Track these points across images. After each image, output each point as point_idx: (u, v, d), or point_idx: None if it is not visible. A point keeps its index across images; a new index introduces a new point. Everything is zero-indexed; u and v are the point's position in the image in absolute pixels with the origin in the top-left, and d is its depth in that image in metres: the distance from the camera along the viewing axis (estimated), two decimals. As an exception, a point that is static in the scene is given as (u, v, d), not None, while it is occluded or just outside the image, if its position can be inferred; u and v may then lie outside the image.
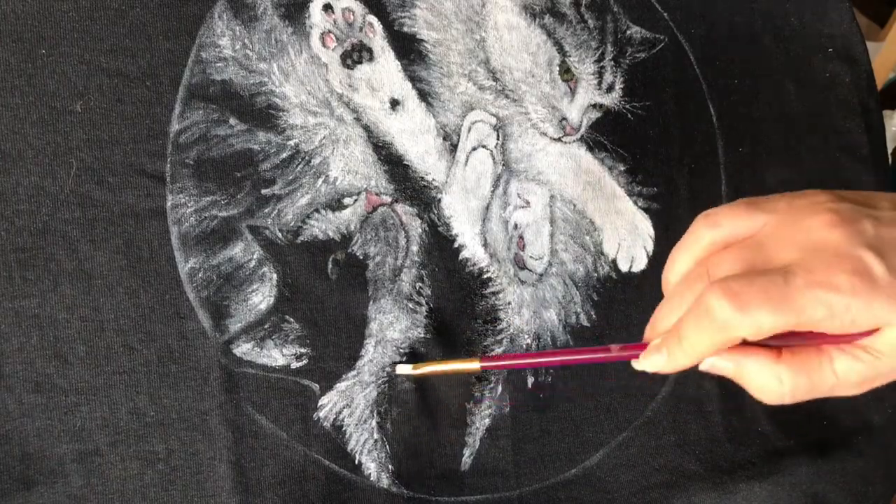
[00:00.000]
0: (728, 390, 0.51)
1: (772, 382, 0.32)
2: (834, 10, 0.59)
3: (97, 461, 0.43)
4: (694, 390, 0.51)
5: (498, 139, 0.51)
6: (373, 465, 0.46)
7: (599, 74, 0.53)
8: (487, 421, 0.48)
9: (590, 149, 0.53)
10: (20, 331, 0.43)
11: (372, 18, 0.50)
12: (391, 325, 0.47)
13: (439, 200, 0.49)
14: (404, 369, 0.45)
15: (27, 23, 0.45)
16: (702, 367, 0.34)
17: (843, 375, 0.32)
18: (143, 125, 0.46)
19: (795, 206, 0.33)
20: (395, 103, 0.50)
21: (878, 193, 0.34)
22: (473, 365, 0.39)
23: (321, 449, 0.45)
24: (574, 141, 0.52)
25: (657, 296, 0.52)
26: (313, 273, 0.47)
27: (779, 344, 0.33)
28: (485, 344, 0.49)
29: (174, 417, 0.44)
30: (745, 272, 0.32)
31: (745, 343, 0.32)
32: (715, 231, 0.34)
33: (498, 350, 0.49)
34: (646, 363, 0.35)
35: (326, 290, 0.47)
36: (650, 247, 0.53)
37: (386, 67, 0.50)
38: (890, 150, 0.65)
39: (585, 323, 0.51)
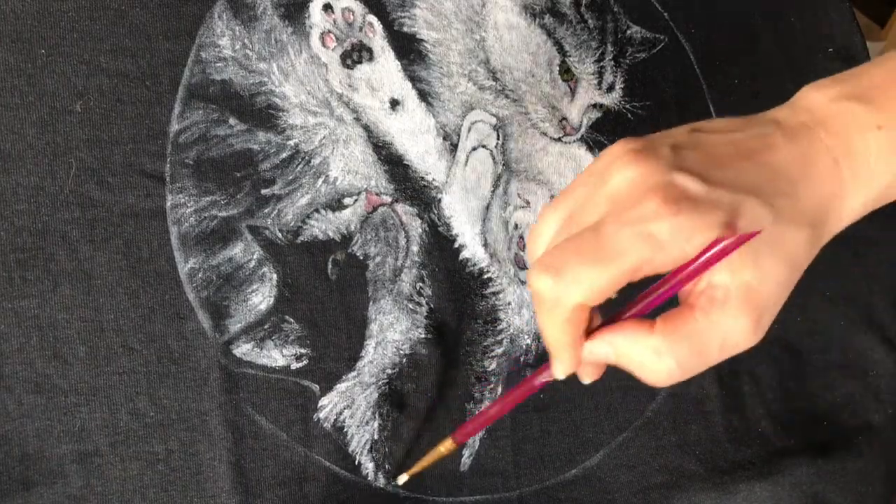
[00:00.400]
0: (728, 390, 0.51)
1: (652, 360, 0.29)
2: (834, 10, 0.59)
3: (97, 462, 0.43)
4: (694, 390, 0.51)
5: (498, 139, 0.51)
6: (371, 465, 0.46)
7: (599, 74, 0.53)
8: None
9: (590, 149, 0.53)
10: (20, 331, 0.43)
11: (372, 18, 0.50)
12: (391, 326, 0.47)
13: (439, 200, 0.49)
14: (403, 479, 0.44)
15: (27, 23, 0.45)
16: (585, 359, 0.31)
17: (722, 324, 0.29)
18: (143, 125, 0.46)
19: (593, 168, 0.31)
20: (394, 103, 0.50)
21: (673, 129, 0.32)
22: (447, 444, 0.38)
23: (321, 450, 0.45)
24: (574, 141, 0.52)
25: (657, 296, 0.52)
26: (313, 273, 0.47)
27: (648, 304, 0.30)
28: (485, 344, 0.49)
29: (174, 418, 0.44)
30: (559, 244, 0.30)
31: (614, 324, 0.30)
32: (538, 241, 0.32)
33: (498, 350, 0.49)
34: (557, 373, 0.32)
35: (326, 291, 0.47)
36: (650, 247, 0.53)
37: (386, 67, 0.50)
38: (890, 150, 0.65)
39: (586, 323, 0.51)
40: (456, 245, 0.49)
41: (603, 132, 0.53)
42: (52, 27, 0.45)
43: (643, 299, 0.31)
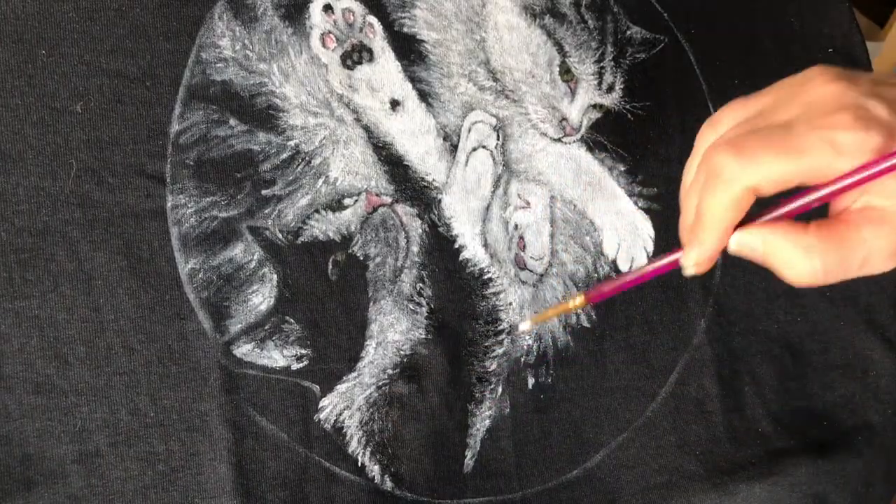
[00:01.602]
0: (729, 390, 0.51)
1: (801, 257, 0.31)
2: (834, 10, 0.59)
3: (97, 462, 0.43)
4: (694, 390, 0.51)
5: (498, 140, 0.51)
6: (374, 468, 0.46)
7: (599, 75, 0.53)
8: (488, 422, 0.48)
9: (590, 149, 0.53)
10: (20, 332, 0.43)
11: (372, 19, 0.50)
12: (392, 327, 0.47)
13: (439, 201, 0.49)
14: (525, 326, 0.43)
15: (27, 24, 0.45)
16: (731, 249, 0.33)
17: (874, 242, 0.31)
18: (144, 126, 0.46)
19: (789, 81, 0.33)
20: (395, 104, 0.50)
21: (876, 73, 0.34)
22: (578, 300, 0.38)
23: (322, 450, 0.45)
24: (574, 141, 0.52)
25: (656, 296, 0.53)
26: (314, 274, 0.47)
27: (804, 206, 0.32)
28: (486, 344, 0.49)
29: (174, 418, 0.44)
30: (748, 132, 0.32)
31: (770, 222, 0.32)
32: (717, 128, 0.34)
33: (499, 351, 0.49)
34: (686, 260, 0.34)
35: (327, 291, 0.47)
36: (650, 247, 0.53)
37: (386, 68, 0.50)
38: (890, 150, 0.65)
39: (586, 324, 0.51)
40: (456, 245, 0.49)
41: (603, 133, 0.53)
42: (52, 28, 0.45)
43: (797, 199, 0.32)
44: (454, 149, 0.50)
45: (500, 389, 0.49)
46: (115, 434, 0.43)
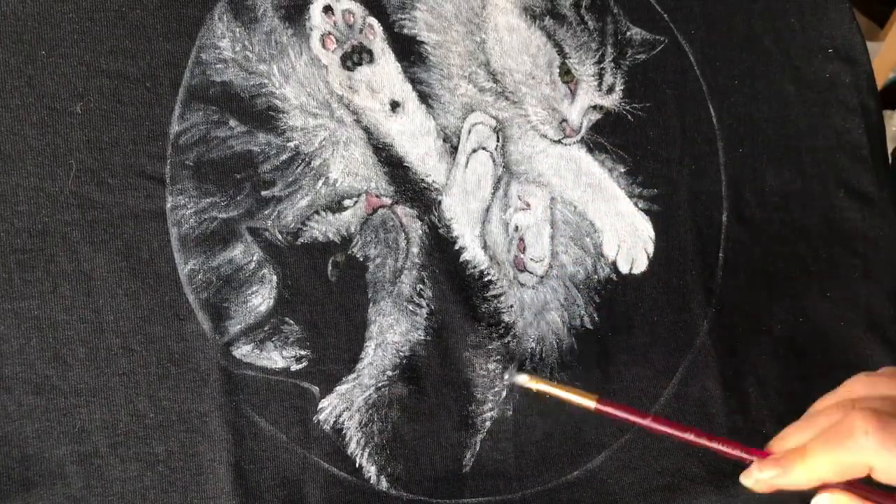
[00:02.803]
0: (732, 391, 0.51)
1: None
2: (834, 10, 0.59)
3: (97, 463, 0.43)
4: (697, 392, 0.51)
5: (498, 141, 0.51)
6: (373, 469, 0.46)
7: (600, 76, 0.53)
8: (489, 424, 0.48)
9: (590, 150, 0.53)
10: (19, 332, 0.43)
11: (372, 20, 0.50)
12: (391, 328, 0.47)
13: (439, 202, 0.49)
14: (521, 379, 0.43)
15: (27, 24, 0.45)
16: (814, 501, 0.33)
17: None
18: (143, 127, 0.46)
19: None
20: (395, 105, 0.50)
21: None
22: (589, 403, 0.38)
23: (321, 452, 0.45)
24: (574, 143, 0.52)
25: (658, 297, 0.52)
26: (313, 275, 0.47)
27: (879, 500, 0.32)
28: (489, 347, 0.49)
29: (174, 419, 0.44)
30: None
31: (859, 495, 0.32)
32: (870, 389, 0.34)
33: (501, 353, 0.49)
34: (758, 471, 0.34)
35: (326, 293, 0.47)
36: (650, 248, 0.53)
37: (386, 69, 0.50)
38: (890, 150, 0.65)
39: (589, 325, 0.51)
40: (456, 247, 0.49)
41: (603, 134, 0.53)
42: (52, 28, 0.45)
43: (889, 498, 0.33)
44: (454, 150, 0.50)
45: (503, 392, 0.49)
46: (115, 435, 0.43)
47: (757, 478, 0.35)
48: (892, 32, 1.03)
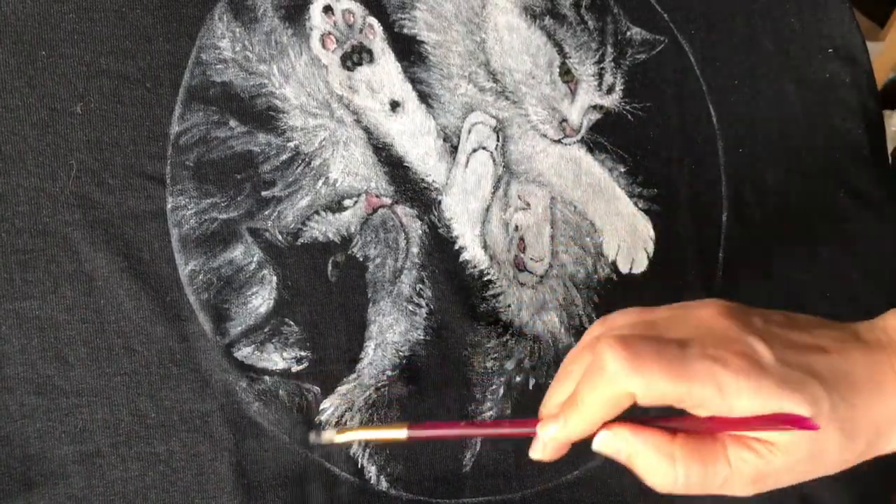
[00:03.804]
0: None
1: (664, 464, 0.32)
2: (834, 10, 0.59)
3: (98, 462, 0.43)
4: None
5: (498, 141, 0.51)
6: (373, 469, 0.46)
7: (600, 76, 0.53)
8: (489, 416, 0.48)
9: (590, 150, 0.53)
10: (21, 332, 0.43)
11: (372, 20, 0.50)
12: (391, 328, 0.47)
13: (439, 202, 0.49)
14: (327, 437, 0.40)
15: (27, 24, 0.45)
16: (595, 446, 0.33)
17: (736, 466, 0.32)
18: (144, 127, 0.46)
19: (685, 304, 0.34)
20: (395, 105, 0.50)
21: (767, 309, 0.35)
22: (400, 433, 0.37)
23: (322, 452, 0.45)
24: (574, 142, 0.52)
25: (658, 297, 0.52)
26: (313, 275, 0.47)
27: (673, 427, 0.32)
28: (487, 346, 0.49)
29: (175, 419, 0.44)
30: (643, 336, 0.32)
31: (639, 425, 0.32)
32: (609, 322, 0.35)
33: (500, 353, 0.49)
34: (545, 433, 0.34)
35: (326, 293, 0.47)
36: (650, 248, 0.53)
37: (386, 69, 0.50)
38: (890, 150, 0.65)
39: (587, 325, 0.51)
40: (456, 247, 0.49)
41: (603, 133, 0.53)
42: (52, 29, 0.45)
43: (670, 421, 0.33)
44: (454, 150, 0.50)
45: (501, 391, 0.49)
46: (116, 435, 0.43)
47: (543, 441, 0.34)
48: (892, 32, 1.02)
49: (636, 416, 0.33)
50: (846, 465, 0.33)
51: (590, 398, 0.32)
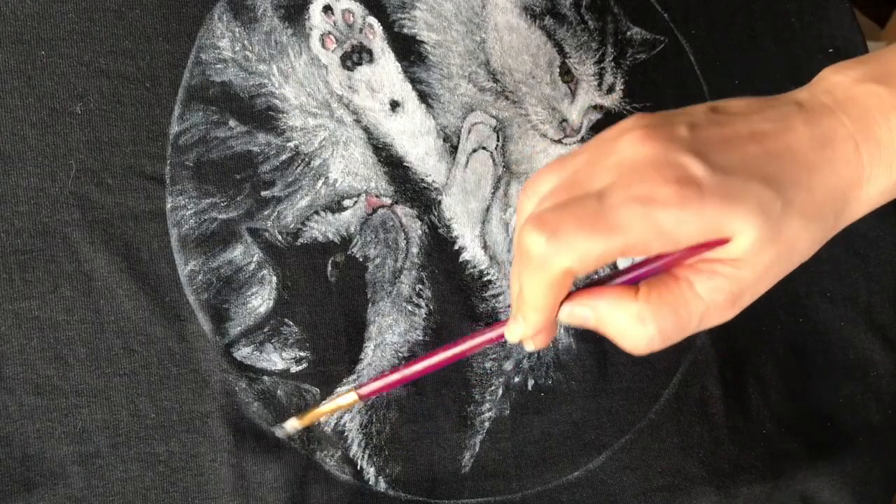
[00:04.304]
0: (733, 392, 0.51)
1: (633, 324, 0.29)
2: (834, 10, 0.59)
3: (98, 463, 0.43)
4: (698, 392, 0.51)
5: (498, 141, 0.51)
6: (373, 470, 0.46)
7: (600, 76, 0.53)
8: (488, 424, 0.48)
9: (590, 150, 0.52)
10: (20, 333, 0.43)
11: (372, 20, 0.50)
12: (390, 328, 0.47)
13: (439, 202, 0.49)
14: (290, 425, 0.40)
15: (27, 24, 0.45)
16: (561, 321, 0.31)
17: (709, 296, 0.29)
18: (143, 127, 0.46)
19: (604, 137, 0.31)
20: (395, 105, 0.50)
21: (692, 106, 0.31)
22: (350, 397, 0.36)
23: (322, 453, 0.45)
24: (574, 142, 0.52)
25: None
26: (313, 276, 0.47)
27: (634, 277, 0.30)
28: (487, 347, 0.49)
29: (175, 420, 0.44)
30: (558, 204, 0.29)
31: (596, 287, 0.30)
32: (536, 191, 0.32)
33: (499, 353, 0.49)
34: (510, 334, 0.32)
35: (326, 293, 0.47)
36: (651, 248, 0.53)
37: (386, 69, 0.50)
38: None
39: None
40: (456, 247, 0.49)
41: (603, 133, 0.53)
42: (52, 28, 0.45)
43: (624, 273, 0.31)
44: (454, 150, 0.50)
45: (499, 391, 0.49)
46: (116, 435, 0.43)
47: (511, 340, 0.32)
48: (892, 32, 1.02)
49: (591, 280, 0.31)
50: (821, 244, 0.30)
51: (531, 290, 0.29)
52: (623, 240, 0.27)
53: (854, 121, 0.30)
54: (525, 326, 0.31)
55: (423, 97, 0.50)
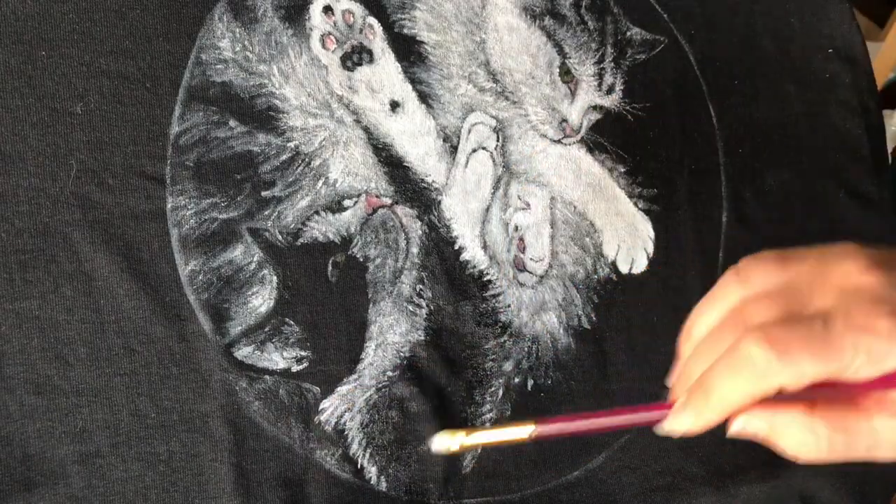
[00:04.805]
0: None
1: (808, 437, 0.31)
2: (834, 11, 0.59)
3: (98, 463, 0.43)
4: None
5: (498, 141, 0.51)
6: (374, 469, 0.46)
7: (599, 76, 0.53)
8: (488, 424, 0.48)
9: (590, 150, 0.53)
10: (21, 332, 0.43)
11: (372, 20, 0.50)
12: (391, 328, 0.47)
13: (439, 202, 0.49)
14: (456, 440, 0.36)
15: (27, 24, 0.45)
16: (731, 431, 0.32)
17: (882, 433, 0.31)
18: (143, 127, 0.46)
19: (827, 254, 0.33)
20: (395, 105, 0.50)
21: None
22: (526, 430, 0.35)
23: (323, 452, 0.45)
24: (574, 143, 0.52)
25: (657, 298, 0.52)
26: (313, 275, 0.47)
27: (808, 396, 0.31)
28: (486, 347, 0.49)
29: (175, 419, 0.44)
30: (782, 319, 0.31)
31: (772, 400, 0.31)
32: (745, 286, 0.33)
33: (499, 353, 0.49)
34: (672, 424, 0.33)
35: (326, 293, 0.47)
36: (650, 248, 0.53)
37: (386, 69, 0.50)
38: (890, 150, 0.65)
39: (586, 325, 0.51)
40: (456, 247, 0.49)
41: (603, 134, 0.53)
42: (52, 29, 0.45)
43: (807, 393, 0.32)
44: (454, 150, 0.50)
45: (500, 392, 0.49)
46: (116, 435, 0.43)
47: (672, 429, 0.33)
48: (892, 32, 1.02)
49: None
50: None
51: (732, 393, 0.31)
52: (839, 364, 0.29)
53: None
54: (696, 421, 0.32)
55: (423, 97, 0.50)
